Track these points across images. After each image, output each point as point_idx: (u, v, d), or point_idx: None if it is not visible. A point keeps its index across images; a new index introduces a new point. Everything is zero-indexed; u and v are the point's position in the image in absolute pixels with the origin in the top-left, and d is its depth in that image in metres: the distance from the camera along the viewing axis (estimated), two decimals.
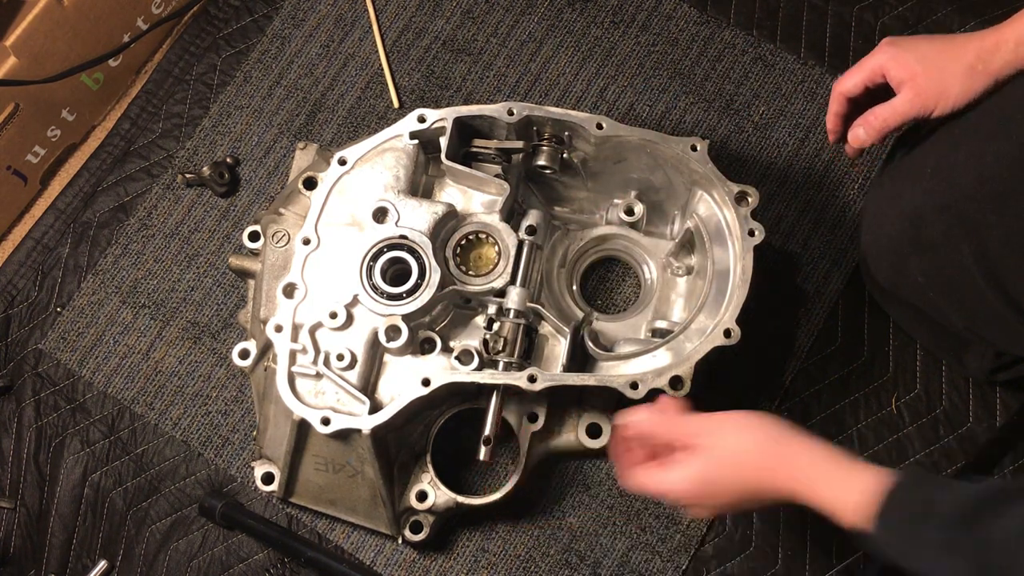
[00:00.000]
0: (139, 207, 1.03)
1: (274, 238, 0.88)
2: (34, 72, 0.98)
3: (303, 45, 1.07)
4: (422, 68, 1.06)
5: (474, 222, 0.85)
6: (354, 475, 0.86)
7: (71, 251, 1.03)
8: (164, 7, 1.09)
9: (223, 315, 0.99)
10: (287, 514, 0.94)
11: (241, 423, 0.97)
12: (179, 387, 0.98)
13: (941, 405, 0.94)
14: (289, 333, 0.81)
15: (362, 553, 0.93)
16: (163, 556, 0.94)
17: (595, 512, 0.93)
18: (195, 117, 1.06)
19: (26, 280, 1.02)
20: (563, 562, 0.92)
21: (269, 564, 0.93)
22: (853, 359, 0.96)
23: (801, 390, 0.95)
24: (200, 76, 1.07)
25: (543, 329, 0.87)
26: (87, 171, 1.06)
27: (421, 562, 0.92)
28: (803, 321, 0.97)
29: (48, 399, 0.98)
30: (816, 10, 1.06)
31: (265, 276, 0.88)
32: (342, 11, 1.08)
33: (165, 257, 1.02)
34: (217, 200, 1.03)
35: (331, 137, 1.04)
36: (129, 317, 1.00)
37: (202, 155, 1.04)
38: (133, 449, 0.97)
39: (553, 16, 1.07)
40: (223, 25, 1.09)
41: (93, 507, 0.96)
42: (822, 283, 0.98)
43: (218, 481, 0.96)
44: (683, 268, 0.91)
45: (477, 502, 0.88)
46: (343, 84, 1.06)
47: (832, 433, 0.94)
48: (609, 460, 0.93)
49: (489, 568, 0.92)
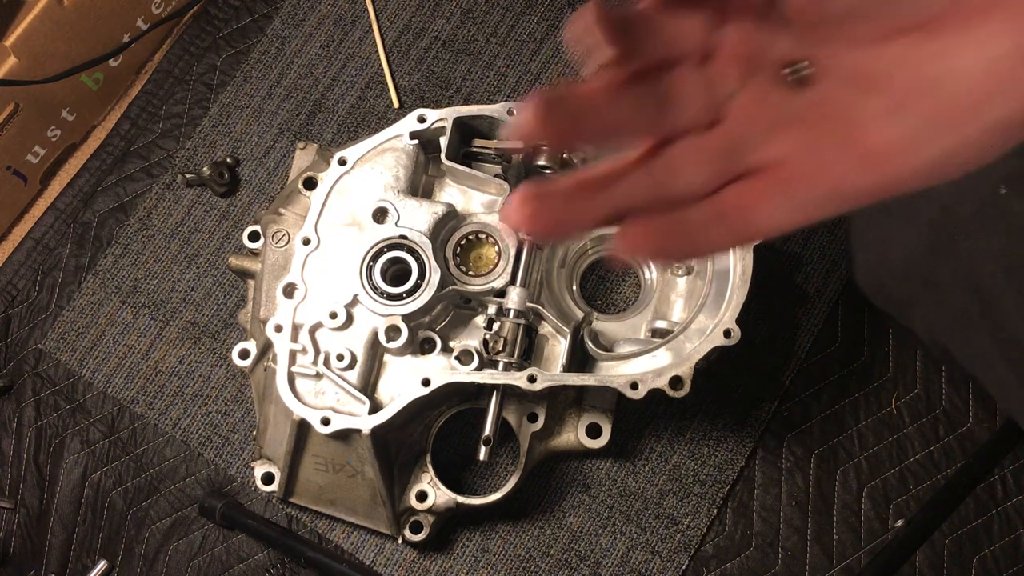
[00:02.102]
0: (139, 207, 1.03)
1: (274, 238, 0.88)
2: (34, 72, 0.98)
3: (303, 45, 1.07)
4: (422, 68, 1.06)
5: (474, 222, 0.85)
6: (354, 475, 0.86)
7: (71, 251, 1.03)
8: (164, 7, 1.09)
9: (223, 315, 0.99)
10: (287, 514, 0.94)
11: (241, 423, 0.97)
12: (179, 387, 0.98)
13: (941, 405, 0.94)
14: (289, 333, 0.81)
15: (362, 553, 0.93)
16: (163, 556, 0.94)
17: (595, 512, 0.93)
18: (195, 117, 1.06)
19: (26, 280, 1.03)
20: (563, 562, 0.92)
21: (269, 564, 0.93)
22: (853, 359, 0.96)
23: (801, 390, 0.95)
24: (200, 76, 1.07)
25: (543, 329, 0.87)
26: (87, 171, 1.06)
27: (421, 562, 0.92)
28: (803, 321, 0.97)
29: (48, 399, 0.98)
30: None
31: (265, 276, 0.88)
32: (342, 11, 1.08)
33: (165, 257, 1.02)
34: (217, 200, 1.03)
35: (331, 137, 1.04)
36: (129, 317, 1.00)
37: (202, 155, 1.04)
38: (133, 449, 0.97)
39: (553, 16, 1.07)
40: (223, 25, 1.09)
41: (93, 507, 0.96)
42: (822, 283, 0.98)
43: (218, 481, 0.96)
44: (683, 268, 0.91)
45: (477, 502, 0.88)
46: (343, 84, 1.06)
47: (832, 433, 0.94)
48: (609, 460, 0.93)
49: (489, 568, 0.92)
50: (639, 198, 0.34)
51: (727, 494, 0.93)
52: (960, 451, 0.93)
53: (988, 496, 0.92)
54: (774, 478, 0.93)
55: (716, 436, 0.94)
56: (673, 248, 0.34)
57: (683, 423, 0.94)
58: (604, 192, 0.33)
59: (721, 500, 0.92)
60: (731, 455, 0.93)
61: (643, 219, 0.33)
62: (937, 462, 0.93)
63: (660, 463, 0.93)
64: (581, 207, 0.33)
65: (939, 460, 0.93)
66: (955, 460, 0.93)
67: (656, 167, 0.34)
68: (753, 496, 0.93)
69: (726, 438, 0.94)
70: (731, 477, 0.93)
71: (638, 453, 0.94)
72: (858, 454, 0.93)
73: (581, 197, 0.33)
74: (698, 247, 0.34)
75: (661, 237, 0.33)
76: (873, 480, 0.93)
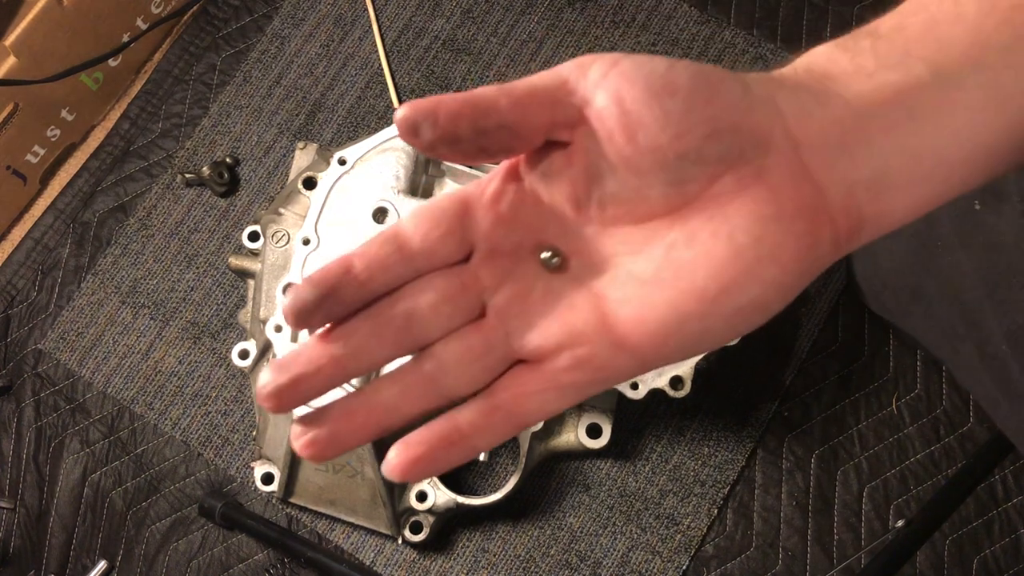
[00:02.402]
0: (139, 207, 1.03)
1: (274, 238, 0.88)
2: (33, 72, 0.98)
3: (303, 45, 1.07)
4: (422, 68, 1.06)
5: None
6: (354, 475, 0.86)
7: (71, 251, 1.03)
8: (164, 7, 1.09)
9: (223, 315, 0.99)
10: (287, 514, 0.94)
11: (241, 423, 0.96)
12: (179, 387, 0.98)
13: (942, 405, 0.94)
14: (289, 333, 0.81)
15: (362, 553, 0.93)
16: (163, 556, 0.94)
17: (595, 512, 0.93)
18: (195, 117, 1.06)
19: (26, 280, 1.02)
20: (563, 562, 0.92)
21: (269, 564, 0.93)
22: (853, 359, 0.96)
23: (801, 390, 0.95)
24: (200, 76, 1.07)
25: None
26: (87, 171, 1.06)
27: (421, 562, 0.92)
28: (803, 321, 0.97)
29: (48, 399, 0.98)
30: (817, 9, 1.06)
31: (265, 276, 0.88)
32: (342, 11, 1.08)
33: (165, 257, 1.02)
34: (217, 200, 1.03)
35: (331, 137, 1.04)
36: (129, 317, 1.00)
37: (201, 155, 1.04)
38: (133, 449, 0.97)
39: (553, 16, 1.07)
40: (223, 25, 1.09)
41: (93, 507, 0.96)
42: (823, 283, 0.97)
43: (218, 481, 0.96)
44: None
45: (477, 502, 0.88)
46: (343, 84, 1.06)
47: (833, 433, 0.94)
48: (609, 460, 0.93)
49: (489, 568, 0.92)
50: (414, 406, 0.34)
51: (728, 494, 0.92)
52: (961, 451, 0.93)
53: (989, 496, 0.91)
54: (775, 478, 0.93)
55: (717, 436, 0.94)
56: (454, 458, 0.34)
57: (684, 423, 0.94)
58: (375, 404, 0.34)
59: (722, 500, 0.92)
60: (732, 455, 0.93)
61: (414, 440, 0.34)
62: (938, 462, 0.93)
63: (660, 463, 0.93)
64: (355, 425, 0.34)
65: (940, 460, 0.93)
66: (956, 460, 0.93)
67: (425, 370, 0.34)
68: (754, 496, 0.93)
69: (726, 438, 0.93)
70: (732, 477, 0.93)
71: (638, 453, 0.93)
72: (859, 454, 0.93)
73: (354, 414, 0.34)
74: (477, 447, 0.34)
75: (438, 452, 0.33)
76: (874, 480, 0.92)
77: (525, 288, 0.34)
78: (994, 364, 0.68)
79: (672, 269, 0.32)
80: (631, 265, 0.33)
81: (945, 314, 0.71)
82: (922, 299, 0.73)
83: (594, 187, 0.33)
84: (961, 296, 0.68)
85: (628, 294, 0.33)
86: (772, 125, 0.32)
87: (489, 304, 0.34)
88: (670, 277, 0.32)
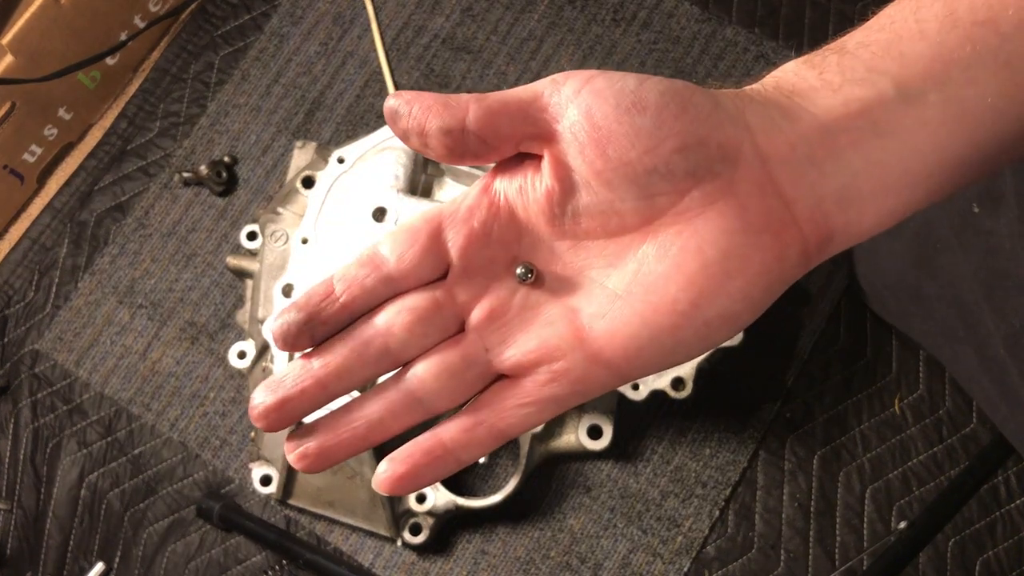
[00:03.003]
0: (136, 206, 1.03)
1: (272, 237, 0.88)
2: (30, 71, 0.97)
3: (301, 43, 1.07)
4: (421, 66, 1.05)
5: None
6: (353, 476, 0.85)
7: (68, 251, 1.02)
8: (161, 5, 1.08)
9: (221, 315, 0.99)
10: (285, 516, 0.93)
11: (239, 424, 0.96)
12: (176, 388, 0.97)
13: (944, 406, 0.94)
14: None
15: (361, 555, 0.92)
16: (160, 558, 0.93)
17: (596, 514, 0.92)
18: (192, 116, 1.05)
19: (23, 280, 1.02)
20: (564, 564, 0.91)
21: (267, 566, 0.93)
22: (855, 360, 0.95)
23: (803, 391, 0.95)
24: (198, 74, 1.07)
25: None
26: (84, 170, 1.05)
27: (420, 564, 0.92)
28: (805, 321, 0.96)
29: (45, 400, 0.98)
30: (818, 8, 1.05)
31: (263, 276, 0.87)
32: (341, 9, 1.07)
33: (162, 257, 1.01)
34: (215, 199, 1.02)
35: (329, 135, 1.03)
36: (126, 317, 0.99)
37: (199, 154, 1.04)
38: (130, 450, 0.96)
39: (554, 14, 1.06)
40: (221, 23, 1.08)
41: (90, 509, 0.95)
42: (824, 283, 0.97)
43: (216, 482, 0.95)
44: None
45: (477, 504, 0.87)
46: (342, 82, 1.05)
47: (835, 434, 0.93)
48: (610, 461, 0.93)
49: (489, 570, 0.92)
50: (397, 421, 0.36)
51: (729, 496, 0.92)
52: (963, 452, 0.93)
53: (992, 498, 0.91)
54: (776, 479, 0.92)
55: (718, 437, 0.93)
56: (440, 471, 0.35)
57: (685, 424, 0.93)
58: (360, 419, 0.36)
59: (723, 502, 0.92)
60: (733, 456, 0.93)
61: (400, 456, 0.35)
62: (940, 463, 0.93)
63: (662, 464, 0.93)
64: (342, 440, 0.36)
65: (942, 461, 0.93)
66: (958, 461, 0.93)
67: (407, 387, 0.36)
68: (755, 498, 0.92)
69: (728, 439, 0.93)
70: (733, 478, 0.92)
71: (639, 454, 0.93)
72: (861, 455, 0.93)
73: (340, 430, 0.36)
74: (462, 460, 0.35)
75: (422, 467, 0.35)
76: (876, 481, 0.92)
77: (502, 304, 0.35)
78: (993, 367, 0.68)
79: (644, 283, 0.33)
80: (605, 279, 0.34)
81: (945, 316, 0.71)
82: (922, 300, 0.73)
83: (568, 201, 0.34)
84: (960, 298, 0.68)
85: (602, 308, 0.34)
86: (741, 140, 0.33)
87: (468, 320, 0.35)
88: (642, 291, 0.33)
